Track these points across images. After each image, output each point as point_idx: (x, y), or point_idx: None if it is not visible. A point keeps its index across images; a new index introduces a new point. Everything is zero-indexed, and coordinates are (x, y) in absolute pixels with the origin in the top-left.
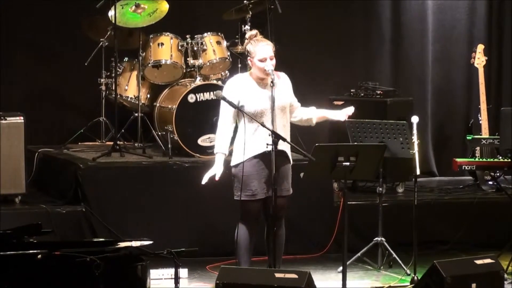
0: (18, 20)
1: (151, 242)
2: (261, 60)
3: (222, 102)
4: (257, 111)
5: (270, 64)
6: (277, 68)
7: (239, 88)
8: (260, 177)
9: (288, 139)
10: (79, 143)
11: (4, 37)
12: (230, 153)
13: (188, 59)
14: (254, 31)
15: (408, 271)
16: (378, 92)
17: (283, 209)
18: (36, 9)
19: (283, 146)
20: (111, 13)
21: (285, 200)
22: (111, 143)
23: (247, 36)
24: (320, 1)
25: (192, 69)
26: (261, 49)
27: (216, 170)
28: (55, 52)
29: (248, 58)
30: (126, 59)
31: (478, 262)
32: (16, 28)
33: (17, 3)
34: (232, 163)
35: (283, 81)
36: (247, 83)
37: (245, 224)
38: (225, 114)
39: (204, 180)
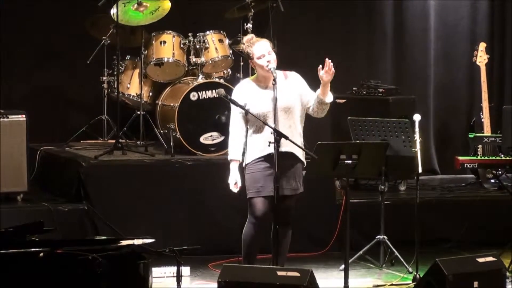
0: (20, 18)
1: (153, 240)
2: (259, 58)
3: (232, 106)
4: (259, 113)
5: (272, 61)
6: (279, 66)
7: (244, 92)
8: (265, 175)
9: (298, 141)
10: (81, 141)
11: (6, 35)
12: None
13: (190, 57)
14: (250, 35)
15: (410, 269)
16: (380, 90)
17: (291, 208)
18: (38, 7)
19: (289, 147)
20: (113, 11)
21: (293, 199)
22: (113, 141)
23: (243, 41)
24: None
25: (194, 67)
26: (257, 47)
27: (233, 180)
28: (57, 50)
29: (249, 60)
30: (128, 57)
31: (480, 260)
32: (18, 26)
33: (19, 2)
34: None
35: (290, 81)
36: (251, 86)
37: (252, 222)
38: (234, 118)
39: (234, 189)
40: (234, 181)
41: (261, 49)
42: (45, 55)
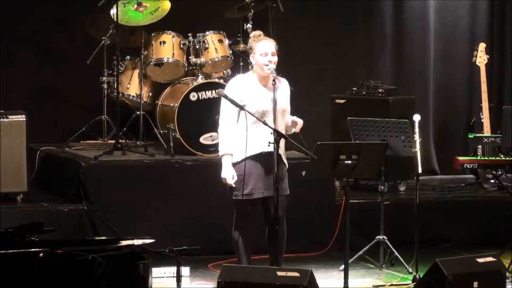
0: (20, 18)
1: (153, 240)
2: (261, 55)
3: (224, 101)
4: (258, 111)
5: (273, 63)
6: (279, 66)
7: (241, 88)
8: (257, 176)
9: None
10: (81, 142)
11: (6, 35)
12: None
13: (190, 57)
14: (259, 32)
15: (410, 269)
16: (380, 90)
17: (283, 209)
18: (38, 7)
19: (280, 150)
20: (113, 11)
21: (284, 199)
22: (113, 141)
23: (251, 35)
24: None
25: (194, 67)
26: (262, 44)
27: (227, 174)
28: (57, 51)
29: (250, 55)
30: (128, 57)
31: (480, 260)
32: (18, 26)
33: (19, 2)
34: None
35: (283, 86)
36: (250, 83)
37: (242, 223)
38: (228, 113)
39: (232, 184)
40: (231, 175)
41: (265, 48)
42: (45, 55)
